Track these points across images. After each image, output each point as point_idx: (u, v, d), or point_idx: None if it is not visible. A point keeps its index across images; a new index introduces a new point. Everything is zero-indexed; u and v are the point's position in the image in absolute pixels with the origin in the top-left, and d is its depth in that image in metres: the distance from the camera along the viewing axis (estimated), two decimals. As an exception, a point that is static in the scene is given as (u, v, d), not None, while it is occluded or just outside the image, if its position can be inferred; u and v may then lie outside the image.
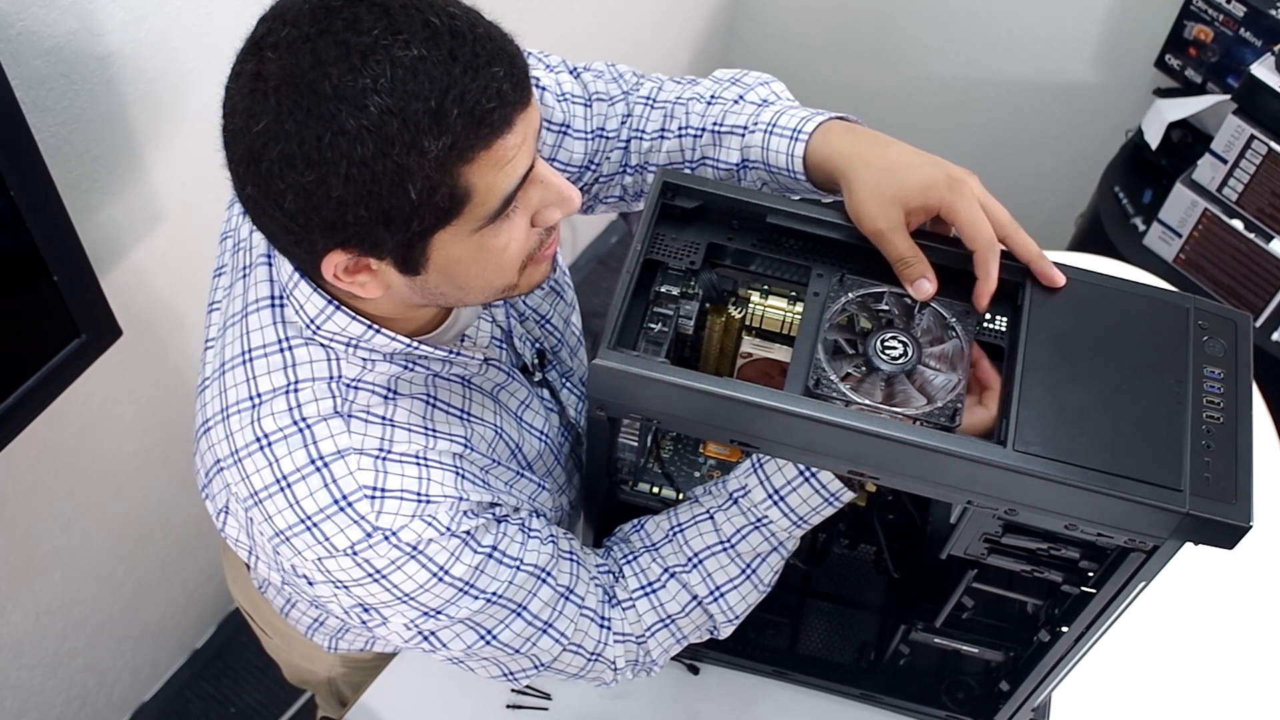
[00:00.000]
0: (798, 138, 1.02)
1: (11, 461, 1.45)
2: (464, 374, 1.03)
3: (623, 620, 1.09)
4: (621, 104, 1.14)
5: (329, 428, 0.92)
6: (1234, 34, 2.02)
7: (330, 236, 0.81)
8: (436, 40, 0.77)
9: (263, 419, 0.92)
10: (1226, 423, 0.89)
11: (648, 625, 1.09)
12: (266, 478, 0.92)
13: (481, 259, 0.87)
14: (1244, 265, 2.00)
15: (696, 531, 1.07)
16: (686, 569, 1.08)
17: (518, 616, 1.00)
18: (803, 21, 2.75)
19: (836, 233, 0.98)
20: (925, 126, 2.69)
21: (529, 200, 0.87)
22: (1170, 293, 0.97)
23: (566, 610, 1.04)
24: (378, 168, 0.77)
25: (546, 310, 1.17)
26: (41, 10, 1.17)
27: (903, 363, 0.93)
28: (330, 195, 0.78)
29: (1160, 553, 0.90)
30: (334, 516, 0.91)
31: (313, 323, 0.92)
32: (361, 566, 0.92)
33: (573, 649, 1.06)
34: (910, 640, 1.20)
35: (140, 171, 1.40)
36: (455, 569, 0.95)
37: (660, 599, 1.09)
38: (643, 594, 1.09)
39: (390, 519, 0.92)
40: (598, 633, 1.07)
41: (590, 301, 2.83)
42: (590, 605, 1.06)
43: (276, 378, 0.93)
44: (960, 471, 0.88)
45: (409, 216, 0.80)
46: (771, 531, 1.05)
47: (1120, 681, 1.35)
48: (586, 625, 1.06)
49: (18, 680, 1.72)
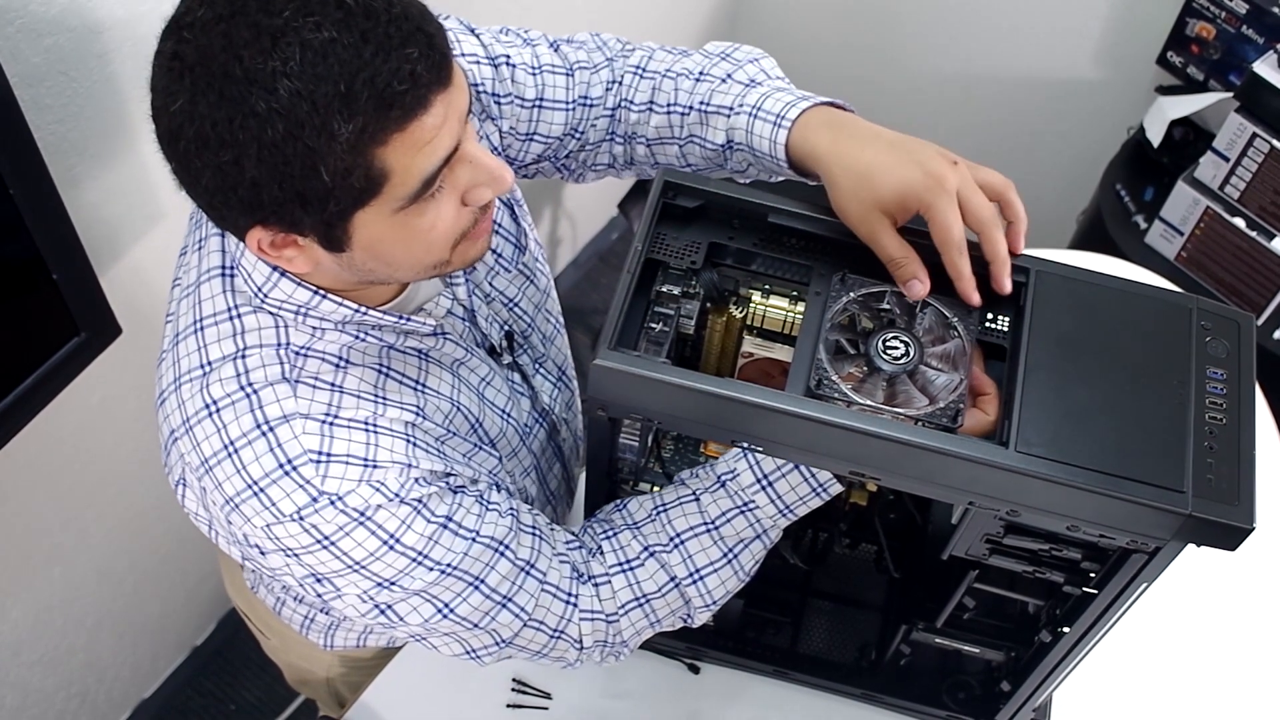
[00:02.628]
0: (780, 124, 1.01)
1: (11, 459, 1.45)
2: (420, 347, 1.02)
3: (594, 597, 1.07)
4: (606, 70, 1.13)
5: (275, 393, 0.92)
6: (1236, 31, 2.01)
7: (249, 214, 0.82)
8: (349, 22, 0.77)
9: (211, 385, 0.93)
10: (1229, 424, 0.89)
11: (622, 603, 1.07)
12: (215, 444, 0.92)
13: (407, 237, 0.87)
14: (1245, 263, 2.00)
15: (681, 512, 1.06)
16: (667, 548, 1.06)
17: (475, 589, 0.99)
18: (805, 16, 2.74)
19: (838, 232, 0.97)
20: (926, 122, 2.69)
21: (457, 180, 0.87)
22: (1173, 293, 0.97)
23: (527, 585, 1.02)
24: (288, 150, 0.77)
25: (514, 294, 1.16)
26: (41, 7, 1.16)
27: (904, 363, 0.93)
28: (244, 176, 0.79)
29: (1162, 554, 0.90)
30: (279, 481, 0.91)
31: (260, 290, 0.93)
32: (309, 533, 0.92)
33: (534, 625, 1.04)
34: (911, 640, 1.20)
35: (140, 169, 1.40)
36: (407, 537, 0.94)
37: (637, 576, 1.07)
38: (620, 570, 1.07)
39: (336, 484, 0.91)
40: (561, 609, 1.05)
41: (590, 298, 2.83)
42: (553, 580, 1.04)
43: (226, 345, 0.94)
44: (962, 473, 0.87)
45: (324, 197, 0.80)
46: (757, 518, 1.04)
47: (1121, 682, 1.35)
48: (549, 601, 1.04)
49: (17, 677, 1.72)
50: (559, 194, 2.61)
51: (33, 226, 1.16)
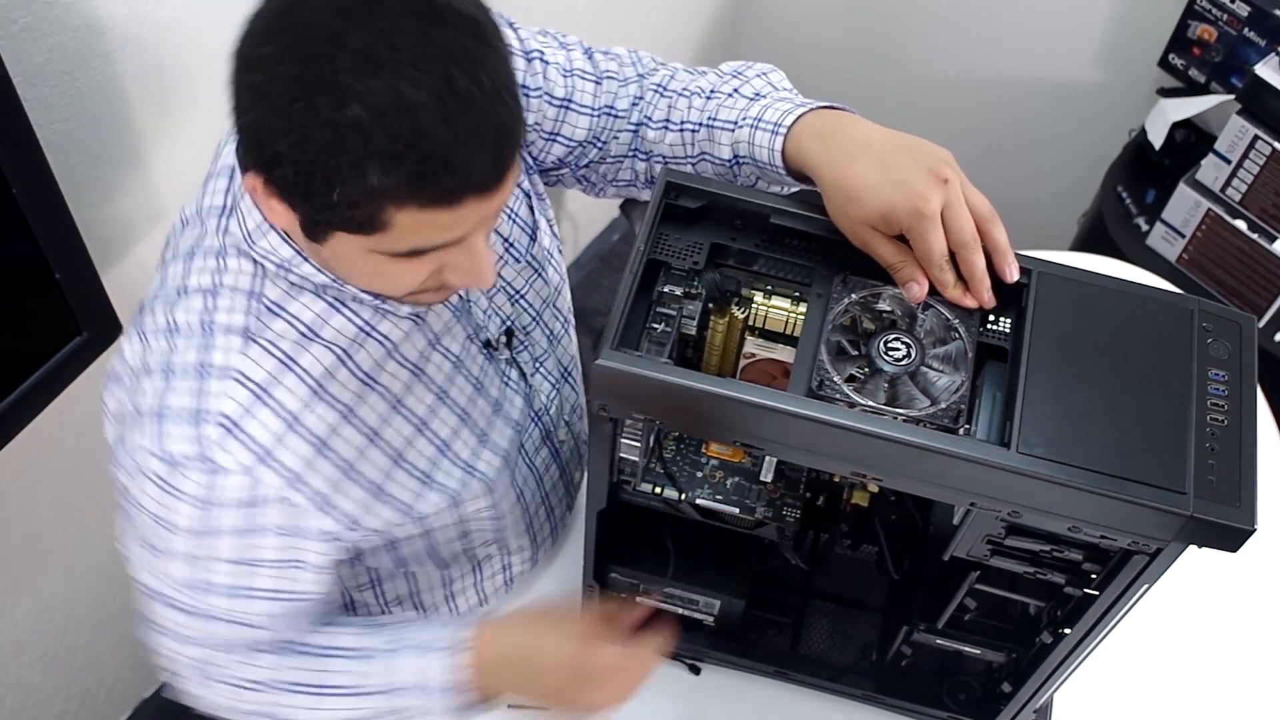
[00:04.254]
0: (777, 132, 1.02)
1: (13, 458, 1.45)
2: (391, 334, 1.02)
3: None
4: (635, 85, 1.13)
5: (229, 341, 0.93)
6: (1238, 34, 2.01)
7: (260, 168, 0.84)
8: (444, 99, 0.77)
9: (178, 309, 0.95)
10: (1230, 425, 0.89)
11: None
12: (158, 360, 0.95)
13: (371, 271, 0.90)
14: (1247, 266, 2.00)
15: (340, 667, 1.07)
16: (289, 686, 1.06)
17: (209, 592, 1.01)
18: (807, 18, 2.74)
19: (839, 234, 0.97)
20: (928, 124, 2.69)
21: (443, 256, 0.88)
22: (1174, 294, 0.97)
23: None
24: (320, 159, 0.78)
25: (521, 285, 1.15)
26: (44, 7, 1.16)
27: (906, 364, 0.93)
28: (275, 144, 0.80)
29: (1164, 555, 0.90)
30: (186, 423, 0.92)
31: (249, 236, 0.94)
32: (167, 476, 0.93)
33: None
34: (912, 641, 1.20)
35: (143, 169, 1.40)
36: (222, 545, 0.96)
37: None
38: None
39: (226, 458, 0.93)
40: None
41: (591, 299, 2.83)
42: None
43: (204, 279, 0.96)
44: (964, 474, 0.87)
45: (323, 208, 0.82)
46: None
47: (1122, 683, 1.35)
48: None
49: (18, 677, 1.72)
50: (561, 195, 2.61)
51: (35, 226, 1.16)
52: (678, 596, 1.25)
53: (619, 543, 1.21)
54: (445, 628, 1.07)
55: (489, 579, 1.28)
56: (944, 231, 0.92)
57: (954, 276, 0.93)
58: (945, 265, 0.92)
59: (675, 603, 1.27)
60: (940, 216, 0.91)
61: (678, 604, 1.27)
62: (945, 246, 0.92)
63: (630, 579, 1.24)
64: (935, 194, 0.91)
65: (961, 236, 0.92)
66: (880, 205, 0.92)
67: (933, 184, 0.92)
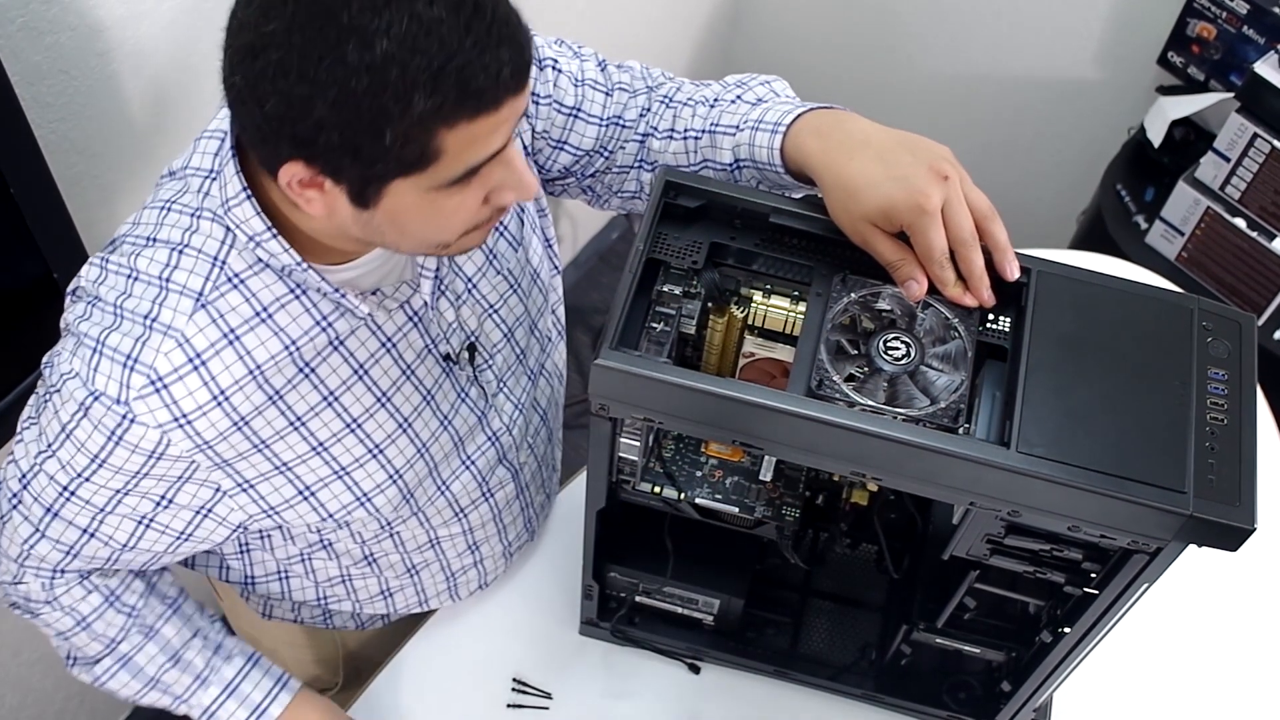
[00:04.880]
0: (776, 131, 1.02)
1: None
2: (343, 332, 1.02)
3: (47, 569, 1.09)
4: (643, 97, 1.14)
5: (180, 303, 0.94)
6: (1237, 31, 2.01)
7: (297, 149, 0.84)
8: (459, 8, 0.79)
9: (141, 256, 0.95)
10: (1230, 424, 0.89)
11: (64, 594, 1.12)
12: (113, 295, 0.95)
13: (429, 214, 0.89)
14: (1246, 264, 2.00)
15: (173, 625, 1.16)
16: (140, 628, 1.14)
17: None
18: (806, 16, 2.74)
19: (838, 233, 0.97)
20: (927, 122, 2.69)
21: (489, 177, 0.89)
22: (1174, 293, 0.97)
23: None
24: (364, 105, 0.79)
25: (495, 300, 1.14)
26: (41, 6, 1.16)
27: (905, 363, 0.93)
28: (312, 113, 0.80)
29: (1163, 554, 0.90)
30: (118, 364, 0.93)
31: (226, 203, 0.94)
32: (75, 408, 0.94)
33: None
34: (912, 640, 1.20)
35: (141, 168, 1.39)
36: (84, 490, 0.99)
37: (92, 602, 1.12)
38: (92, 590, 1.12)
39: (144, 411, 0.93)
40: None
41: (590, 297, 2.83)
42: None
43: (175, 234, 0.96)
44: (963, 473, 0.87)
45: (376, 158, 0.83)
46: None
47: (1122, 682, 1.35)
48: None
49: (17, 676, 1.72)
50: (559, 193, 2.60)
51: (33, 225, 1.16)
52: (677, 596, 1.25)
53: (618, 542, 1.21)
54: (263, 680, 1.18)
55: (442, 580, 1.28)
56: (944, 228, 0.92)
57: (954, 274, 0.93)
58: (945, 262, 0.92)
59: (675, 602, 1.27)
60: (940, 213, 0.91)
61: (677, 603, 1.27)
62: (946, 243, 0.92)
63: (629, 578, 1.24)
64: (936, 190, 0.91)
65: (961, 234, 0.92)
66: (881, 201, 0.92)
67: (933, 180, 0.92)
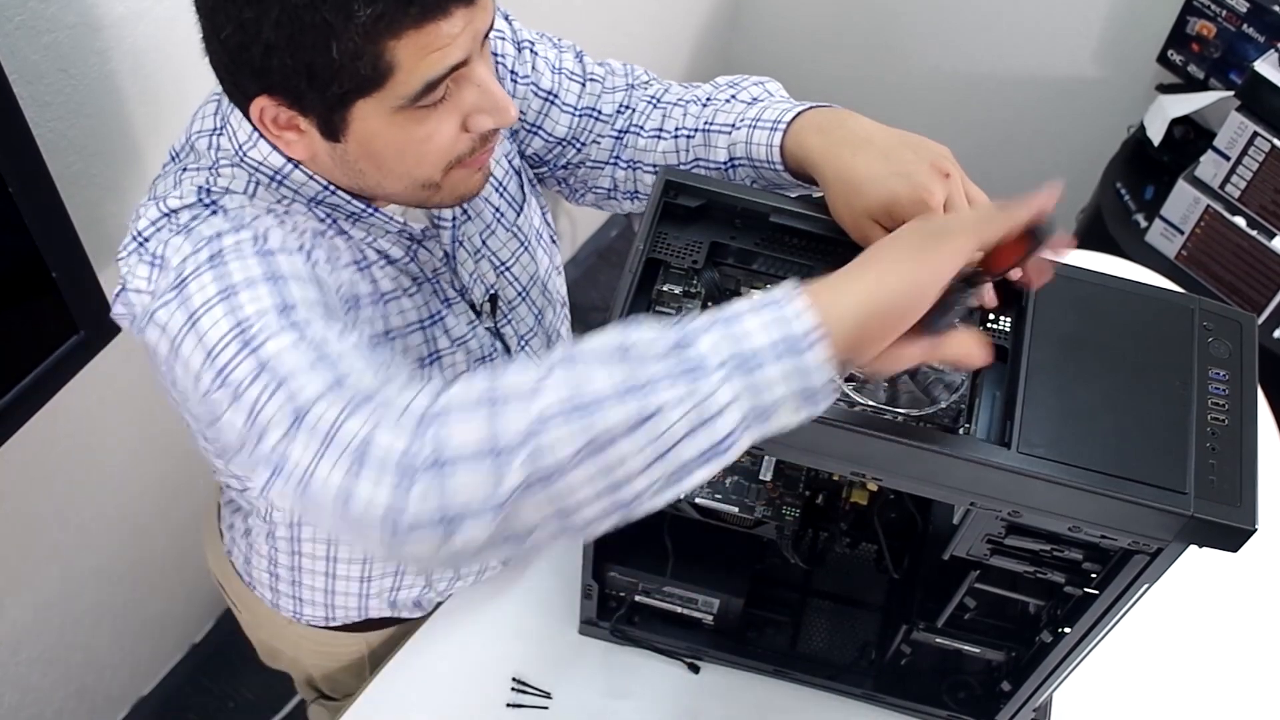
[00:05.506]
0: (776, 128, 1.02)
1: (10, 457, 1.45)
2: (388, 254, 1.01)
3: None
4: (623, 94, 1.15)
5: (230, 199, 0.91)
6: (1237, 30, 2.01)
7: (257, 80, 0.85)
8: None
9: (169, 199, 0.91)
10: (1231, 424, 0.89)
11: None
12: (154, 239, 0.89)
13: (402, 141, 0.89)
14: (1246, 263, 2.00)
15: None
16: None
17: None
18: (804, 14, 2.74)
19: (839, 232, 0.97)
20: (926, 121, 2.69)
21: (461, 100, 0.89)
22: (1175, 293, 0.97)
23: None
24: (306, 19, 0.80)
25: (507, 257, 1.15)
26: (40, 4, 1.16)
27: (906, 363, 0.93)
28: (260, 35, 0.81)
29: (1164, 555, 0.90)
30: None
31: (241, 148, 0.94)
32: (200, 250, 0.86)
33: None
34: (912, 640, 1.20)
35: (139, 167, 1.39)
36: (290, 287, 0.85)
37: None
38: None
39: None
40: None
41: (589, 296, 2.82)
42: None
43: (198, 179, 0.94)
44: (964, 474, 0.87)
45: (330, 77, 0.83)
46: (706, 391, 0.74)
47: (1122, 682, 1.35)
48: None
49: (16, 675, 1.72)
50: (558, 191, 2.60)
51: (31, 224, 1.16)
52: (677, 595, 1.25)
53: (618, 542, 1.21)
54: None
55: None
56: None
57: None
58: None
59: (674, 602, 1.27)
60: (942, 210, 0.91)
61: (677, 603, 1.27)
62: None
63: (629, 578, 1.24)
64: (939, 187, 0.92)
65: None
66: (884, 196, 0.92)
67: (936, 177, 0.92)
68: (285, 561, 1.23)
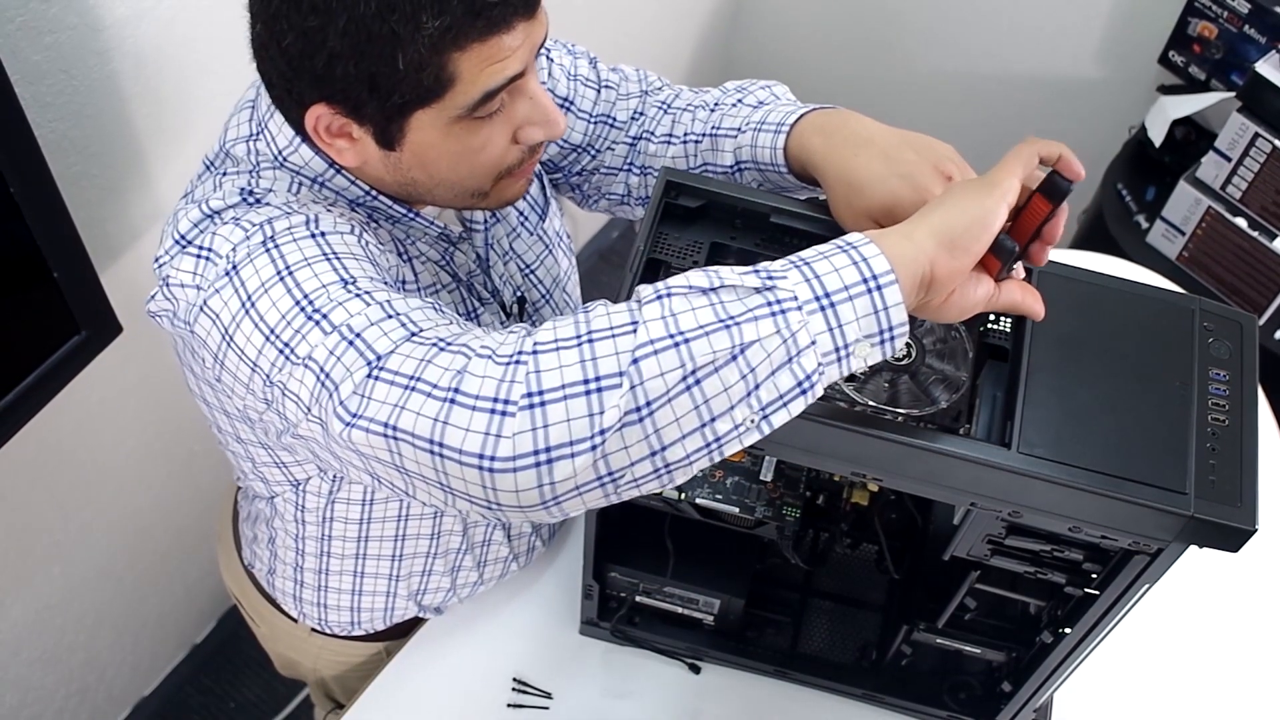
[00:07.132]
0: (779, 131, 1.02)
1: (11, 457, 1.45)
2: (430, 254, 1.02)
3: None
4: (636, 100, 1.16)
5: (268, 209, 0.90)
6: (1238, 31, 2.01)
7: (317, 88, 0.85)
8: None
9: (210, 200, 0.91)
10: (1232, 425, 0.89)
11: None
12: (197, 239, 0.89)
13: (456, 151, 0.90)
14: (1247, 264, 2.00)
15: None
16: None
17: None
18: (806, 14, 2.74)
19: (839, 233, 0.97)
20: (927, 121, 2.68)
21: (514, 113, 0.90)
22: (1175, 294, 0.97)
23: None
24: (374, 29, 0.80)
25: (532, 260, 1.17)
26: (41, 5, 1.16)
27: (906, 363, 0.93)
28: (325, 44, 0.81)
29: (1164, 555, 0.90)
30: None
31: (281, 152, 0.94)
32: (253, 236, 0.86)
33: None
34: (912, 640, 1.20)
35: (140, 167, 1.39)
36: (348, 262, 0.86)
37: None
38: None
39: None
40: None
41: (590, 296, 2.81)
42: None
43: (240, 181, 0.94)
44: (964, 474, 0.87)
45: (393, 86, 0.83)
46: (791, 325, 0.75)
47: (1122, 682, 1.35)
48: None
49: (17, 675, 1.72)
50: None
51: (33, 224, 1.16)
52: (677, 596, 1.25)
53: (619, 542, 1.21)
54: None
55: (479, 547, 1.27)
56: None
57: None
58: None
59: (675, 602, 1.27)
60: None
61: (678, 603, 1.27)
62: None
63: (630, 578, 1.24)
64: (940, 187, 0.92)
65: None
66: (885, 196, 0.92)
67: (937, 178, 0.92)
68: (312, 565, 1.22)
